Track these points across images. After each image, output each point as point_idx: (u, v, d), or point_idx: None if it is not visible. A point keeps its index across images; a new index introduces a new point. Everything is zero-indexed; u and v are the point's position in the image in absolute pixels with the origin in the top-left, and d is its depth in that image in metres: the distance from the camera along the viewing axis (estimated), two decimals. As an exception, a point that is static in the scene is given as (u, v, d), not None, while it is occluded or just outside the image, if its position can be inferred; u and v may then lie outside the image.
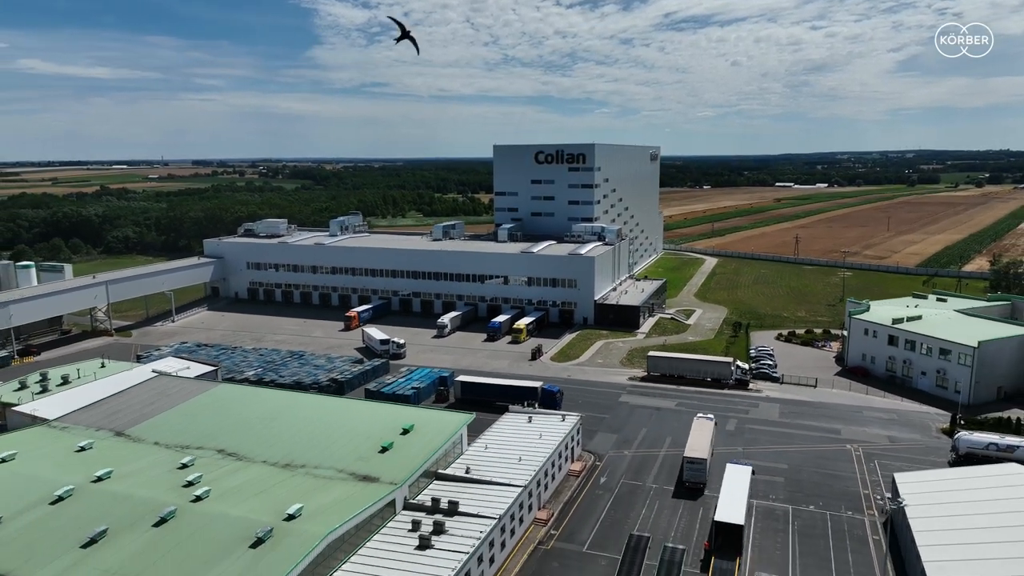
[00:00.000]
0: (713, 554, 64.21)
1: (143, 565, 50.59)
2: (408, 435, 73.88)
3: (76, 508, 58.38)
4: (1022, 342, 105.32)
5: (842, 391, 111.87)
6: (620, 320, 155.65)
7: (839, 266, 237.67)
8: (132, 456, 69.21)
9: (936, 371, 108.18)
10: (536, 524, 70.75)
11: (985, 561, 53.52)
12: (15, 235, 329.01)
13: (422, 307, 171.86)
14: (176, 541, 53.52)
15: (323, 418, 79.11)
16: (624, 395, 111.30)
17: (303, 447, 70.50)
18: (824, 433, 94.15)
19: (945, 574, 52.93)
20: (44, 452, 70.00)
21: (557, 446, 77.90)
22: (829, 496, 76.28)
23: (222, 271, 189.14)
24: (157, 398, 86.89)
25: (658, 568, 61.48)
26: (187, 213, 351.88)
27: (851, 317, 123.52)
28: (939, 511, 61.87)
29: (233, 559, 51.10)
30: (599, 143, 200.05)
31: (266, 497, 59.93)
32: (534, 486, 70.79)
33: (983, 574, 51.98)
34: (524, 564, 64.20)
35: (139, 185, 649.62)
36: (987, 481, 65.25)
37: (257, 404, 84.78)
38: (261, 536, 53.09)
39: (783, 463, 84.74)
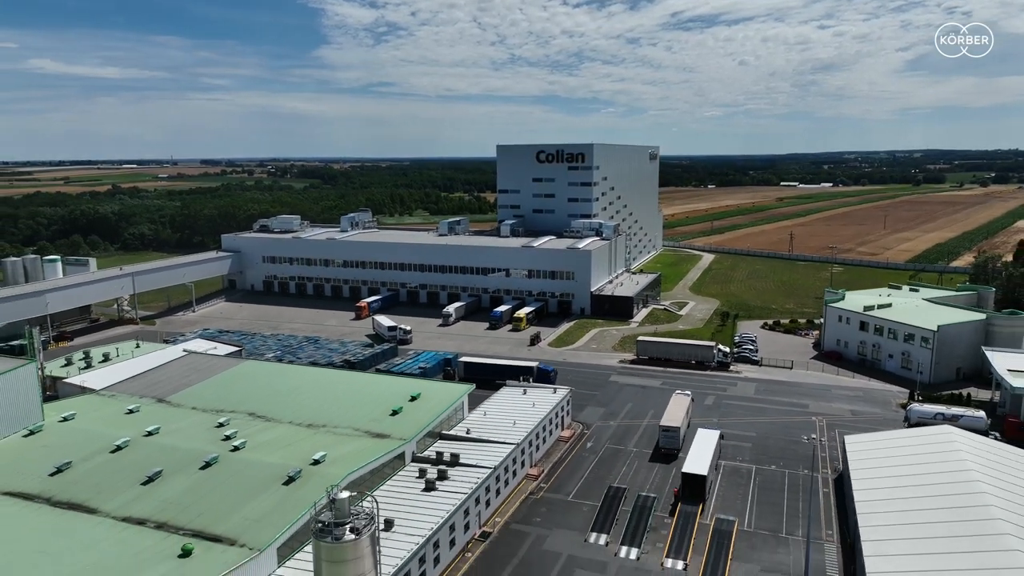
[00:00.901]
0: (680, 501, 73.75)
1: (194, 497, 60.45)
2: (415, 402, 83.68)
3: (133, 455, 68.35)
4: (978, 326, 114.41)
5: (815, 372, 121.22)
6: (615, 310, 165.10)
7: (831, 262, 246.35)
8: (174, 418, 79.19)
9: (901, 353, 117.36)
10: (528, 479, 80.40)
11: (907, 501, 62.76)
12: (34, 232, 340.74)
13: (428, 298, 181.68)
14: (220, 480, 63.42)
15: (340, 388, 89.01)
16: (614, 375, 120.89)
17: (323, 411, 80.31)
18: (793, 407, 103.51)
19: (871, 514, 62.30)
20: (98, 413, 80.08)
21: (548, 413, 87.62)
22: (791, 458, 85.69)
23: (239, 264, 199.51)
24: (190, 372, 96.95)
25: (631, 512, 71.20)
26: (201, 211, 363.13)
27: (827, 305, 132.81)
28: (876, 464, 71.21)
29: (269, 493, 60.96)
30: (597, 143, 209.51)
31: (294, 448, 69.78)
32: (526, 445, 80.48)
33: (904, 514, 61.22)
34: (516, 509, 73.89)
35: (150, 184, 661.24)
36: (921, 440, 74.52)
37: (281, 377, 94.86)
38: (292, 476, 62.97)
39: (753, 432, 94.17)
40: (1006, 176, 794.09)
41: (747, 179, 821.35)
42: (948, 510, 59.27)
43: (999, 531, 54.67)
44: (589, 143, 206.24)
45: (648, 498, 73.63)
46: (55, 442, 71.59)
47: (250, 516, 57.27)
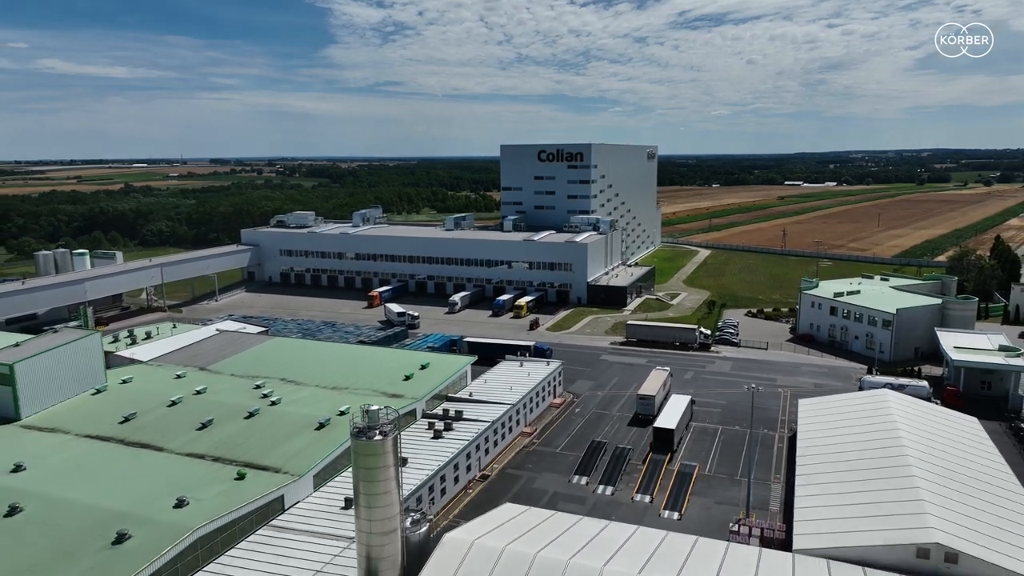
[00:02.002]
0: (651, 451, 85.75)
1: (242, 439, 72.77)
2: (425, 370, 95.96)
3: (187, 408, 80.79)
4: (934, 310, 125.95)
5: (788, 352, 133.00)
6: (609, 299, 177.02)
7: (820, 256, 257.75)
8: (217, 382, 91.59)
9: (866, 335, 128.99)
10: (522, 436, 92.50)
11: (839, 446, 74.54)
12: (55, 228, 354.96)
13: (435, 289, 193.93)
14: (262, 426, 75.78)
15: (359, 359, 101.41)
16: (604, 355, 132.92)
17: (345, 376, 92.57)
18: (763, 381, 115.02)
19: (808, 455, 74.22)
20: (151, 378, 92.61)
21: (541, 381, 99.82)
22: (753, 421, 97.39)
23: (258, 257, 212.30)
24: (225, 346, 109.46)
25: (609, 460, 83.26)
26: (216, 208, 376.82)
27: (802, 292, 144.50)
28: (820, 419, 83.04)
29: (304, 435, 73.29)
30: (595, 143, 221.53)
31: (322, 403, 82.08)
32: (521, 406, 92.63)
33: (834, 455, 73.01)
34: (512, 458, 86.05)
35: (162, 183, 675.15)
36: (861, 401, 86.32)
37: (305, 350, 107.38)
38: (322, 423, 75.33)
39: (724, 400, 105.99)
40: (1011, 175, 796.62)
41: (751, 178, 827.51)
42: (870, 451, 71.03)
43: (907, 464, 66.34)
44: (587, 143, 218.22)
45: (625, 449, 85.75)
46: (119, 399, 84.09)
47: (290, 452, 69.62)
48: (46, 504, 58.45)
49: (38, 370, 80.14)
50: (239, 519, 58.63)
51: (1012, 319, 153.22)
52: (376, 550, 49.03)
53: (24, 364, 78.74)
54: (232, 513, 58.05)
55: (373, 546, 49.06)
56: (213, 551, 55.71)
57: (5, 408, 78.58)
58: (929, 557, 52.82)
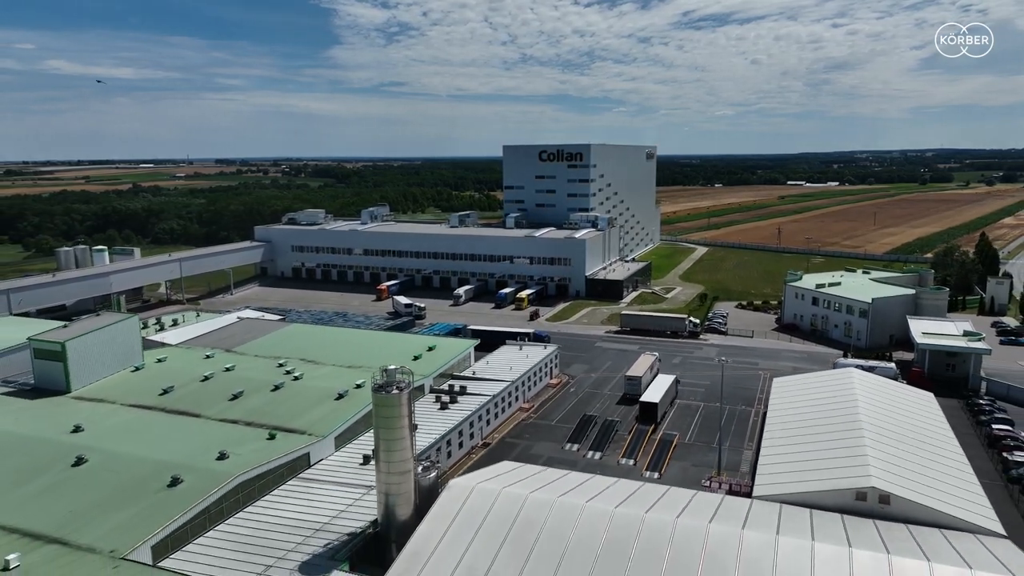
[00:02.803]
0: (637, 423, 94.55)
1: (271, 407, 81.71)
2: (432, 351, 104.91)
3: (218, 382, 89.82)
4: (908, 300, 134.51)
5: (771, 340, 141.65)
6: (607, 292, 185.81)
7: (814, 253, 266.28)
8: (243, 361, 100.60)
9: (844, 323, 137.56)
10: (521, 411, 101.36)
11: (803, 414, 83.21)
12: (69, 227, 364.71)
13: (440, 283, 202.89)
14: (288, 397, 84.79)
15: (371, 342, 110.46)
16: (600, 342, 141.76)
17: (359, 357, 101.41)
18: (746, 365, 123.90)
19: (775, 421, 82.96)
20: (183, 358, 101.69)
21: (539, 362, 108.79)
22: (734, 399, 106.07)
23: (270, 253, 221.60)
24: (247, 331, 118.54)
25: (599, 430, 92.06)
26: (227, 207, 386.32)
27: (786, 284, 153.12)
28: (791, 393, 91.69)
29: (325, 404, 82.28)
30: (594, 143, 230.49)
31: (340, 379, 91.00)
32: (520, 383, 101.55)
33: (798, 421, 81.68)
34: (511, 429, 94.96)
35: (169, 183, 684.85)
36: (828, 378, 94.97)
37: (322, 335, 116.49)
38: (341, 393, 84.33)
39: (707, 381, 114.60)
40: (1014, 175, 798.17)
41: (754, 178, 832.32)
42: (829, 418, 79.65)
43: (859, 428, 74.84)
44: (586, 144, 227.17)
45: (613, 422, 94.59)
46: (156, 375, 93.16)
47: (313, 417, 78.61)
48: (106, 456, 67.47)
49: (85, 348, 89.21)
50: (272, 470, 67.56)
51: (988, 310, 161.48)
52: (394, 487, 57.93)
53: (74, 342, 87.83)
54: (266, 464, 67.01)
55: (391, 484, 57.96)
56: (251, 496, 64.64)
57: (57, 381, 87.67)
58: (866, 499, 61.45)
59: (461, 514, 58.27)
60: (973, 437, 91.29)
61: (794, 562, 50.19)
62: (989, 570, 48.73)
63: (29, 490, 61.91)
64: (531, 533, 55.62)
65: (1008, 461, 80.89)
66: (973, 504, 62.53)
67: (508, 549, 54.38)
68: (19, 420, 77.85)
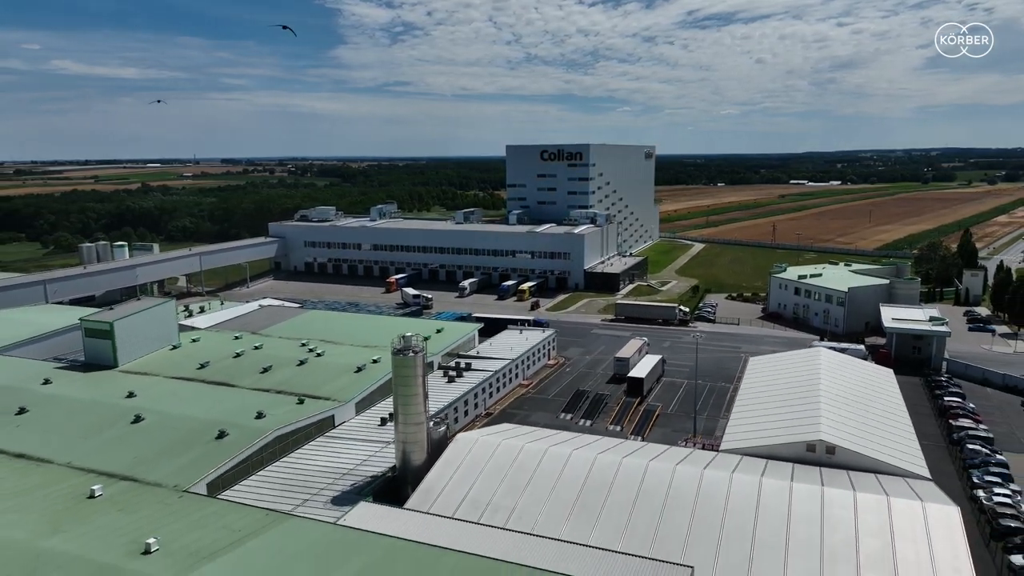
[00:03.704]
0: (625, 396, 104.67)
1: (298, 379, 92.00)
2: (440, 333, 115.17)
3: (249, 359, 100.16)
4: (882, 289, 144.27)
5: (756, 327, 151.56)
6: (604, 285, 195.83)
7: (806, 249, 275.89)
8: (269, 341, 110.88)
9: (824, 311, 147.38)
10: (520, 387, 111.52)
11: (771, 385, 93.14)
12: (85, 225, 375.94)
13: (446, 276, 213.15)
14: (312, 370, 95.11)
15: (384, 325, 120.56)
16: (595, 329, 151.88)
17: (374, 338, 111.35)
18: (729, 348, 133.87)
19: (747, 391, 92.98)
20: (215, 339, 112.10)
21: (537, 343, 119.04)
22: (715, 377, 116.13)
23: (284, 249, 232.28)
24: (270, 317, 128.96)
25: (590, 402, 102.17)
26: (238, 205, 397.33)
27: (771, 276, 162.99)
28: (764, 369, 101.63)
29: (346, 376, 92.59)
30: (594, 143, 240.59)
31: (357, 355, 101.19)
32: (519, 362, 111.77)
33: (766, 391, 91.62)
34: (511, 403, 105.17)
35: (177, 183, 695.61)
36: (798, 355, 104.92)
37: (338, 319, 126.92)
38: (359, 367, 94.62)
39: (692, 363, 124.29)
40: (1017, 175, 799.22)
41: (757, 177, 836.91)
42: (793, 388, 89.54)
43: (818, 394, 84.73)
44: (586, 144, 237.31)
45: (603, 395, 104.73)
46: (192, 352, 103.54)
47: (336, 387, 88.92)
48: (160, 416, 77.80)
49: (130, 327, 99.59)
50: (302, 428, 77.86)
51: (963, 300, 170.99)
52: (411, 436, 68.12)
53: (120, 322, 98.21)
54: (297, 423, 77.36)
55: (408, 434, 68.16)
56: (285, 449, 74.89)
57: (106, 358, 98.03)
58: (815, 451, 71.41)
59: (466, 460, 68.54)
60: (928, 408, 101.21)
61: (744, 492, 60.28)
62: (902, 497, 58.74)
63: (98, 441, 72.29)
64: (525, 474, 65.83)
65: (952, 426, 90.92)
66: (908, 455, 72.44)
67: (506, 486, 64.59)
68: (78, 388, 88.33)
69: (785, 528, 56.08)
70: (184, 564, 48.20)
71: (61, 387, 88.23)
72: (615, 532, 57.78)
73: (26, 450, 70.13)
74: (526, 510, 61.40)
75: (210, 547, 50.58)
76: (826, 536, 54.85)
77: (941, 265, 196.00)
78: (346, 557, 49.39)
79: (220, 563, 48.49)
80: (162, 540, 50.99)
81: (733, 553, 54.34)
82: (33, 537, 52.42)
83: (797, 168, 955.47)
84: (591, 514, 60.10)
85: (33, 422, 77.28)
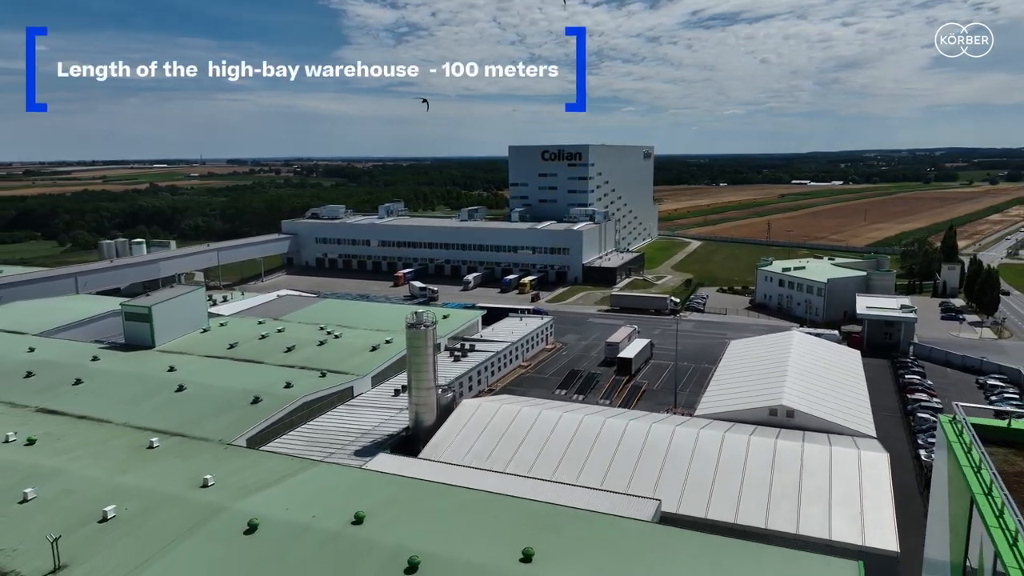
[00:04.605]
0: (615, 375, 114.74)
1: (319, 356, 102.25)
2: (446, 319, 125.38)
3: (273, 340, 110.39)
4: (860, 280, 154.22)
5: (742, 316, 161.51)
6: (602, 279, 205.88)
7: (800, 246, 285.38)
8: (290, 326, 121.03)
9: (805, 301, 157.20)
10: (520, 368, 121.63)
11: (745, 362, 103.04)
12: (99, 224, 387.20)
13: (451, 271, 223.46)
14: (331, 349, 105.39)
15: (394, 312, 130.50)
16: (591, 318, 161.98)
17: (385, 323, 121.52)
18: (716, 335, 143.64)
19: (724, 368, 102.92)
20: (240, 324, 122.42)
21: (536, 328, 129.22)
22: (699, 359, 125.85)
23: (296, 245, 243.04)
24: (288, 306, 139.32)
25: (583, 380, 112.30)
26: (248, 205, 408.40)
27: (758, 269, 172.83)
28: (741, 349, 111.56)
29: (362, 354, 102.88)
30: (593, 144, 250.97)
31: (372, 337, 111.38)
32: (519, 345, 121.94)
33: (740, 366, 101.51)
34: (511, 381, 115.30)
35: (185, 183, 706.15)
36: (773, 337, 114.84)
37: (352, 307, 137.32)
38: (375, 346, 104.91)
39: (680, 347, 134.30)
40: (1019, 174, 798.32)
41: (759, 177, 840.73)
42: (764, 364, 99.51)
43: (785, 369, 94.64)
44: (585, 144, 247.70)
45: (595, 374, 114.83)
46: (221, 335, 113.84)
47: (354, 363, 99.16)
48: (200, 386, 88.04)
49: (165, 311, 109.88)
50: (325, 397, 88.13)
51: (940, 293, 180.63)
52: (422, 399, 78.32)
53: (158, 307, 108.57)
54: (322, 392, 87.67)
55: (419, 398, 78.36)
56: (311, 415, 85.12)
57: (144, 339, 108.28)
58: (777, 414, 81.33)
59: (470, 421, 78.72)
60: (891, 386, 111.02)
61: (709, 444, 70.27)
62: (844, 446, 68.68)
63: (148, 406, 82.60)
64: (521, 432, 75.96)
65: (908, 399, 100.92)
66: (860, 420, 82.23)
67: (504, 441, 74.74)
68: (124, 364, 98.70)
69: (741, 471, 66.05)
70: (238, 494, 58.27)
71: (108, 363, 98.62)
72: (597, 477, 67.79)
73: (87, 413, 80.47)
74: (521, 460, 71.49)
75: (257, 483, 60.61)
76: (775, 477, 64.82)
77: (924, 260, 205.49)
78: (371, 490, 59.39)
79: (267, 493, 58.51)
80: (216, 477, 61.06)
81: (696, 491, 64.32)
82: (108, 475, 62.60)
83: (800, 168, 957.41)
84: (577, 463, 70.16)
85: (89, 391, 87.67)
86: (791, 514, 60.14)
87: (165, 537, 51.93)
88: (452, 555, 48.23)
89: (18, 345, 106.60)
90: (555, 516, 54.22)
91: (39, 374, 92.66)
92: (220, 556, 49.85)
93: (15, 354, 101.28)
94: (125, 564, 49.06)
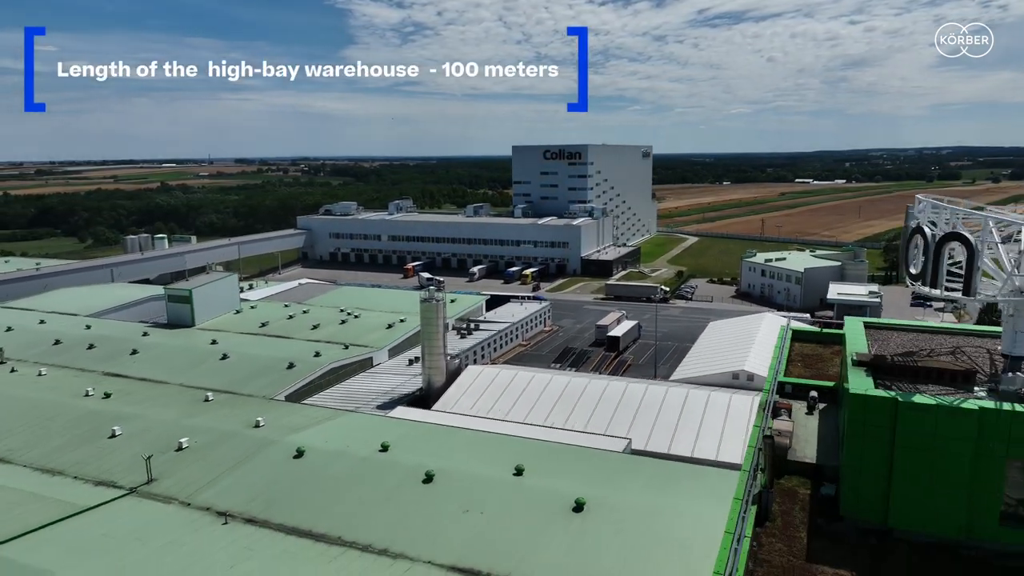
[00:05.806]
0: (604, 351, 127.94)
1: (341, 333, 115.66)
2: (454, 302, 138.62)
3: (299, 320, 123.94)
4: (836, 269, 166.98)
5: (727, 304, 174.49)
6: (599, 271, 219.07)
7: (792, 241, 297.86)
8: (313, 309, 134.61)
9: (785, 289, 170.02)
10: (519, 347, 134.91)
11: (718, 342, 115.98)
12: (117, 221, 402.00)
13: (458, 264, 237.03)
14: (352, 327, 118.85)
15: (406, 297, 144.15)
16: (586, 306, 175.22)
17: (399, 306, 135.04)
18: (700, 319, 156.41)
19: (699, 345, 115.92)
20: (268, 307, 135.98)
21: (535, 311, 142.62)
22: (683, 339, 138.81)
23: (310, 240, 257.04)
24: (308, 292, 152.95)
25: (576, 356, 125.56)
26: (261, 202, 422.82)
27: (743, 260, 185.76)
28: (718, 330, 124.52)
29: (380, 331, 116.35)
30: (592, 144, 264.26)
31: (387, 317, 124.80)
32: (520, 325, 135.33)
33: (707, 347, 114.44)
34: (512, 357, 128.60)
35: (195, 182, 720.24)
36: (747, 319, 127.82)
37: (367, 293, 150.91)
38: (390, 324, 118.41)
39: (666, 329, 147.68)
40: (1022, 172, 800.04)
41: (763, 176, 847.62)
42: (735, 340, 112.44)
43: (752, 343, 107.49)
44: (585, 144, 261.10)
45: (587, 351, 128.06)
46: (252, 316, 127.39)
47: (372, 338, 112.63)
48: (240, 356, 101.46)
49: (204, 294, 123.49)
50: (349, 364, 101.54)
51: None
52: (433, 364, 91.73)
53: (197, 290, 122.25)
54: (346, 360, 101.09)
55: (431, 361, 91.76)
56: (337, 379, 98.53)
57: (185, 319, 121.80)
58: (739, 378, 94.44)
59: (474, 383, 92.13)
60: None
61: (674, 398, 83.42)
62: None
63: (198, 371, 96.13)
64: (518, 390, 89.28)
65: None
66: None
67: (504, 397, 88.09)
68: (171, 338, 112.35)
69: (700, 419, 79.20)
70: (285, 431, 71.62)
71: (157, 338, 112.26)
72: (581, 424, 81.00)
73: (147, 376, 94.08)
74: (517, 412, 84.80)
75: (300, 424, 73.92)
76: (727, 424, 77.97)
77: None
78: (393, 428, 72.70)
79: (309, 432, 71.78)
80: (266, 420, 74.43)
81: (662, 433, 77.50)
82: (177, 417, 76.19)
83: (805, 167, 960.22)
84: (564, 414, 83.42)
85: (145, 359, 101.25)
86: (737, 448, 73.18)
87: (232, 459, 65.49)
88: (460, 470, 61.53)
89: (75, 324, 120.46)
90: (543, 447, 67.48)
91: (99, 347, 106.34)
92: (277, 472, 63.30)
93: (75, 330, 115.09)
94: (203, 478, 62.65)
